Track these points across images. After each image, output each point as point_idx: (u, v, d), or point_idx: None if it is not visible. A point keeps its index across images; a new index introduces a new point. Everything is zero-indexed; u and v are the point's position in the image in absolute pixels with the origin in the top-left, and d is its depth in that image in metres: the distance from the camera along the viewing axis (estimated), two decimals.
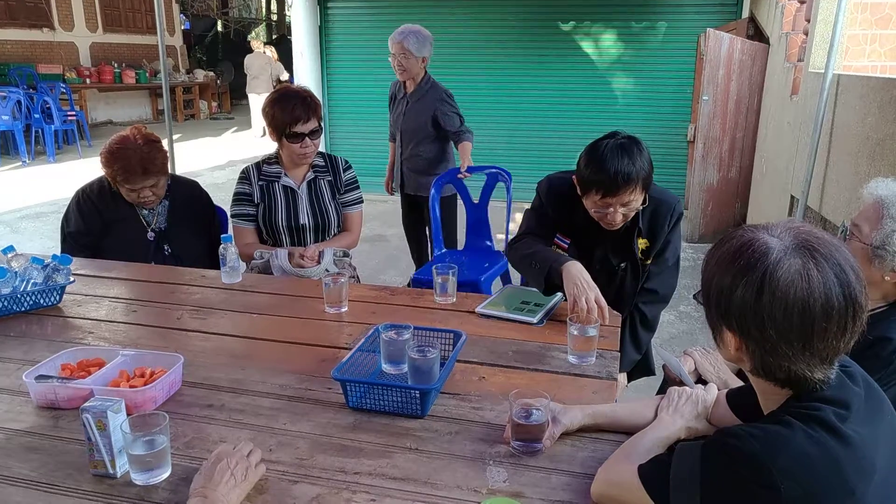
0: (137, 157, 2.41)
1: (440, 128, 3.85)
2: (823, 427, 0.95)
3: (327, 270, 2.51)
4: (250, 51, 12.47)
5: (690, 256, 5.38)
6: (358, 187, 2.79)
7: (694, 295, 4.58)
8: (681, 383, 1.59)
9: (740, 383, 1.55)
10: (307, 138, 2.56)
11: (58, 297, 2.07)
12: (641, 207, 2.09)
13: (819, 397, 0.99)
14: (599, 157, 1.94)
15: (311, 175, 2.68)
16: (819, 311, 0.93)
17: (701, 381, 1.77)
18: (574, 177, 2.08)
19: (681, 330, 4.08)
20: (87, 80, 12.72)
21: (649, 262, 2.18)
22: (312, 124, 2.56)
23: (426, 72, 3.86)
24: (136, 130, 2.50)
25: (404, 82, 3.90)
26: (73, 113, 10.31)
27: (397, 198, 4.31)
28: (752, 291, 0.96)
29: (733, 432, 0.99)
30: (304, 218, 2.65)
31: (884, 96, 3.16)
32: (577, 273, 1.92)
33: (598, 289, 1.90)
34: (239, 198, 2.67)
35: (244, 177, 2.68)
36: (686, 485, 1.00)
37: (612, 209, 1.98)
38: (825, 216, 3.86)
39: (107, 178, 2.60)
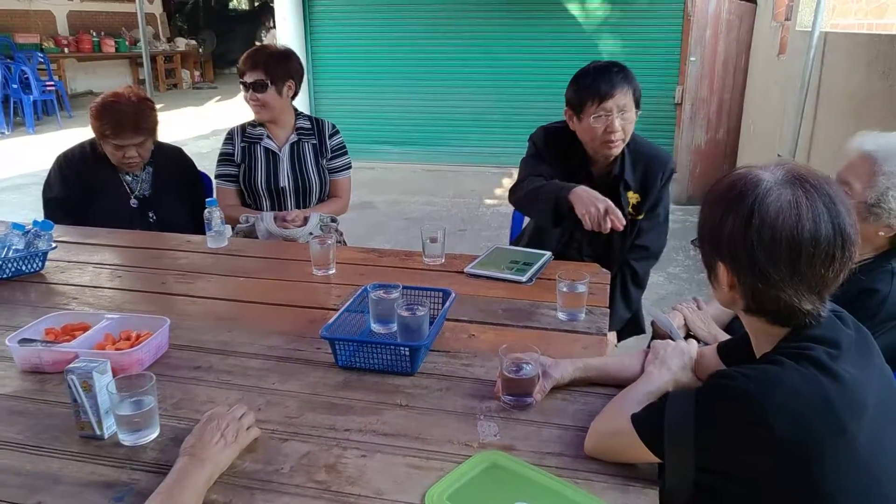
0: (130, 113, 2.39)
1: None
2: (815, 365, 0.96)
3: (312, 234, 2.49)
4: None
5: (679, 218, 5.38)
6: (346, 153, 2.76)
7: (692, 241, 4.66)
8: (670, 339, 1.59)
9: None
10: (251, 90, 2.53)
11: (40, 264, 2.04)
12: (632, 162, 2.09)
13: (810, 336, 1.00)
14: (588, 71, 2.03)
15: (294, 137, 2.64)
16: (807, 237, 0.94)
17: (689, 336, 1.78)
18: (566, 111, 2.11)
19: (669, 291, 4.10)
20: (66, 50, 12.40)
21: (640, 217, 2.18)
22: (256, 75, 2.52)
23: None
24: (129, 89, 2.48)
25: None
26: (52, 83, 10.08)
27: (386, 164, 4.27)
28: (741, 219, 0.97)
29: (727, 373, 1.00)
30: (285, 181, 2.62)
31: (870, 53, 3.13)
32: (584, 194, 1.94)
33: (609, 200, 1.92)
34: (222, 158, 2.66)
35: (228, 137, 2.67)
36: (680, 427, 1.01)
37: (611, 116, 1.99)
38: None
39: (88, 144, 2.55)
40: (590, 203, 1.90)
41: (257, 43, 7.03)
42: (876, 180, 1.48)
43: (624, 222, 1.92)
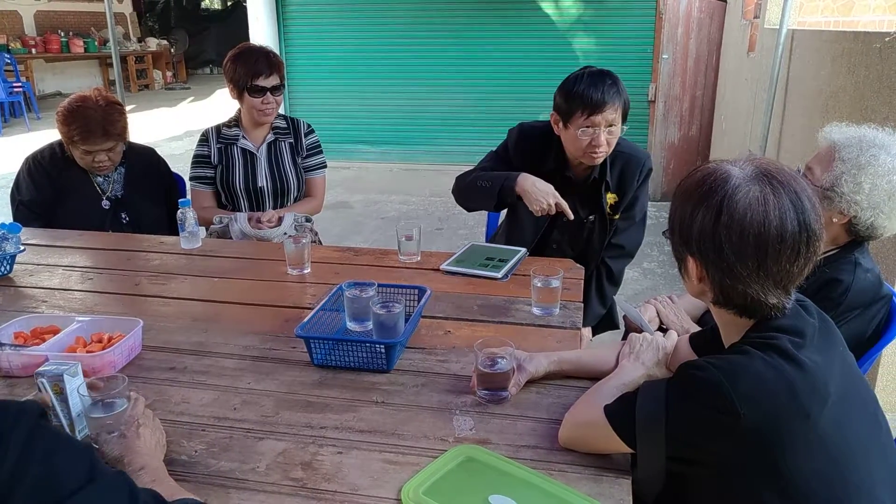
0: (99, 117, 2.33)
1: None
2: (780, 354, 0.98)
3: (286, 234, 2.48)
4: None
5: (653, 215, 5.41)
6: (321, 152, 2.75)
7: (663, 232, 4.69)
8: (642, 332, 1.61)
9: None
10: (269, 93, 2.50)
11: (8, 267, 2.01)
12: (610, 162, 2.11)
13: (775, 326, 1.02)
14: (581, 81, 2.00)
15: (271, 137, 2.63)
16: (773, 233, 0.96)
17: (662, 329, 1.80)
18: (552, 115, 2.10)
19: (644, 286, 4.14)
20: (33, 51, 12.17)
21: (617, 216, 2.20)
22: (274, 80, 2.52)
23: None
24: (97, 91, 2.42)
25: None
26: (20, 84, 9.91)
27: (362, 164, 4.24)
28: (711, 215, 0.99)
29: (696, 364, 1.02)
30: (263, 181, 2.60)
31: (836, 49, 3.20)
32: (532, 188, 2.01)
33: (556, 193, 2.01)
34: (197, 160, 2.62)
35: (203, 139, 2.63)
36: (651, 417, 1.03)
37: (598, 130, 1.99)
38: None
39: (58, 145, 2.51)
40: (541, 198, 1.99)
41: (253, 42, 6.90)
42: (833, 166, 1.53)
43: (572, 216, 2.02)
